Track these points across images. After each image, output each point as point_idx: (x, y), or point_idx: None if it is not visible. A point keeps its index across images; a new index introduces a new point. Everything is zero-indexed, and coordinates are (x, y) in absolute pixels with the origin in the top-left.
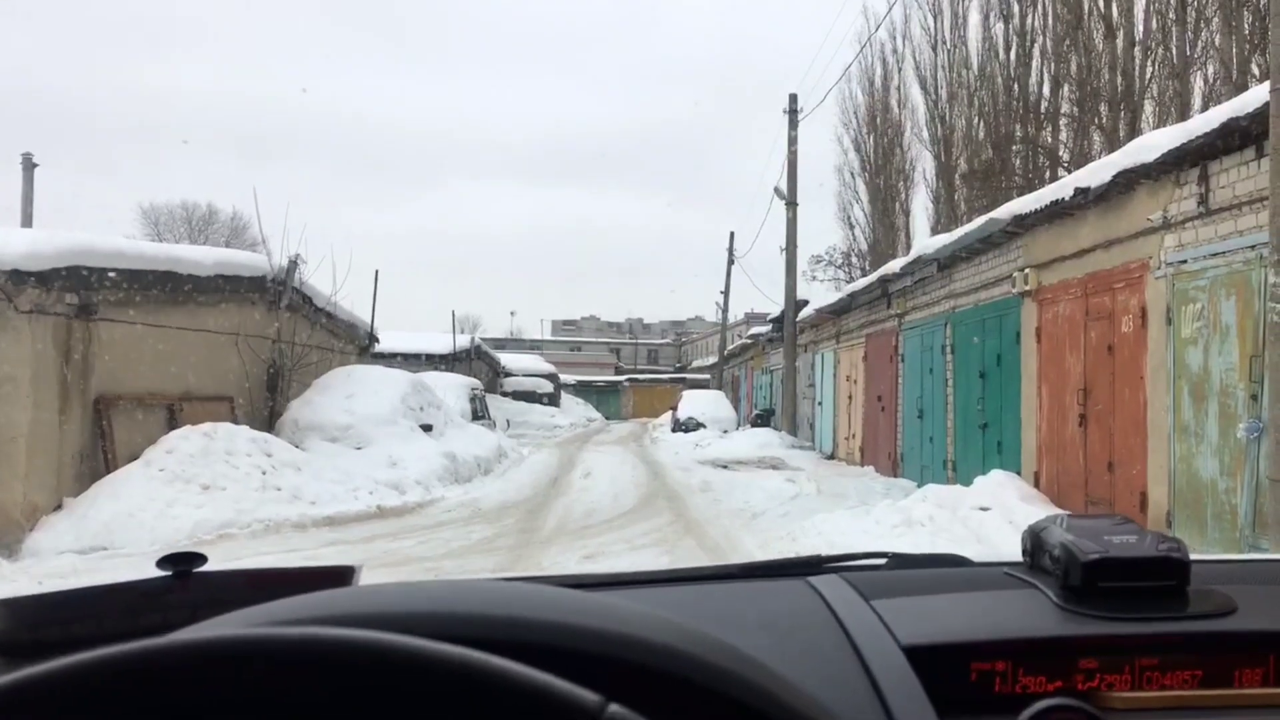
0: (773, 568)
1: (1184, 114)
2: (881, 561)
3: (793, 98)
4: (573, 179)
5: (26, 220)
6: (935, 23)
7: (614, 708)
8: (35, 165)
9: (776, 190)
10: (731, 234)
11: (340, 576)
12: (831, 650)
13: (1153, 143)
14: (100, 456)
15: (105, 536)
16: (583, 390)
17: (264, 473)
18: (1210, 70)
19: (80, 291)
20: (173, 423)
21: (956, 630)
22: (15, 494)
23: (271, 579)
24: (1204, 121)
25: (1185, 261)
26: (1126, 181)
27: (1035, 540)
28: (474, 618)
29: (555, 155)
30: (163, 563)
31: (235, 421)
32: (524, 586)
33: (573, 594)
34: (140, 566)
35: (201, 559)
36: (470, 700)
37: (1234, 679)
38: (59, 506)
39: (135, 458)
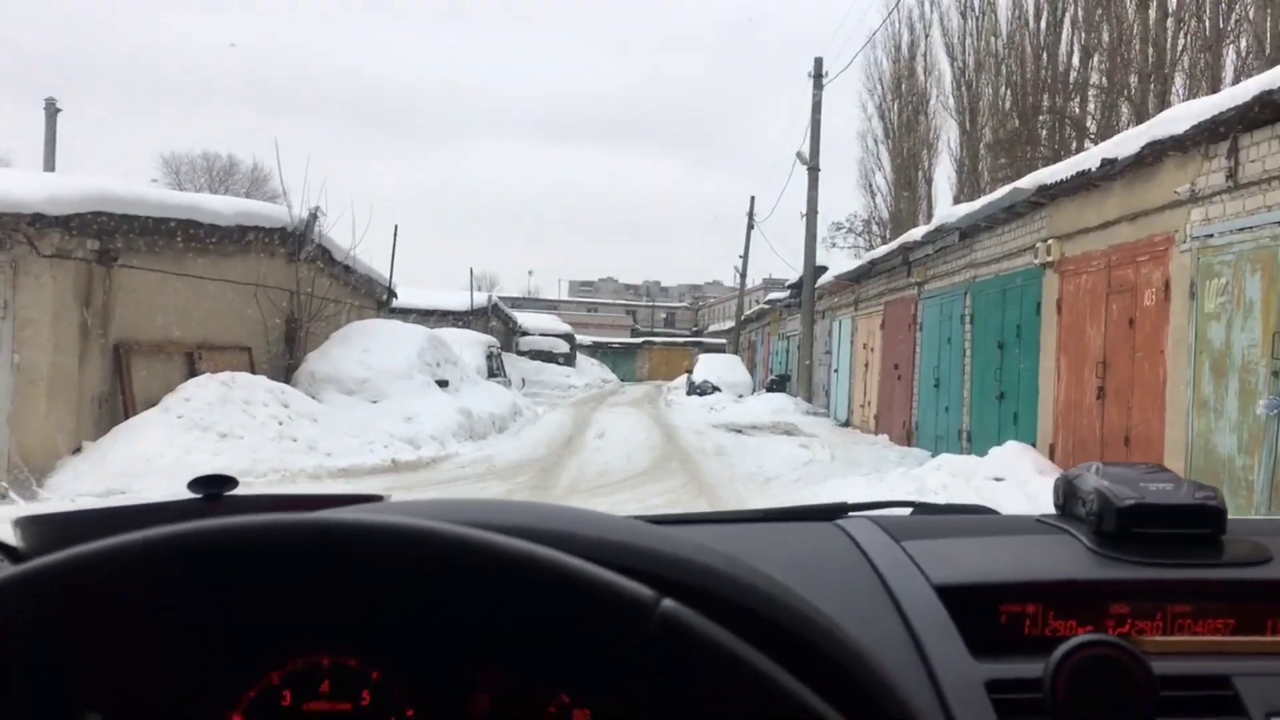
0: (798, 512)
1: (1215, 87)
2: (907, 511)
3: (818, 62)
4: (593, 140)
5: (49, 165)
6: None
7: (667, 602)
8: (59, 110)
9: (799, 155)
10: (752, 198)
11: (371, 502)
12: (863, 588)
13: (1183, 114)
14: (119, 402)
15: (123, 480)
16: (598, 351)
17: (281, 423)
18: (1243, 44)
19: (102, 237)
20: (191, 371)
21: (988, 572)
22: (35, 436)
23: (304, 503)
24: (1235, 94)
25: (1211, 236)
26: (1154, 153)
27: (1068, 488)
28: (527, 528)
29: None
30: (194, 484)
31: (253, 372)
32: (573, 508)
33: (614, 516)
34: None
35: (233, 482)
36: (534, 589)
37: (1267, 627)
38: (78, 450)
39: (153, 404)
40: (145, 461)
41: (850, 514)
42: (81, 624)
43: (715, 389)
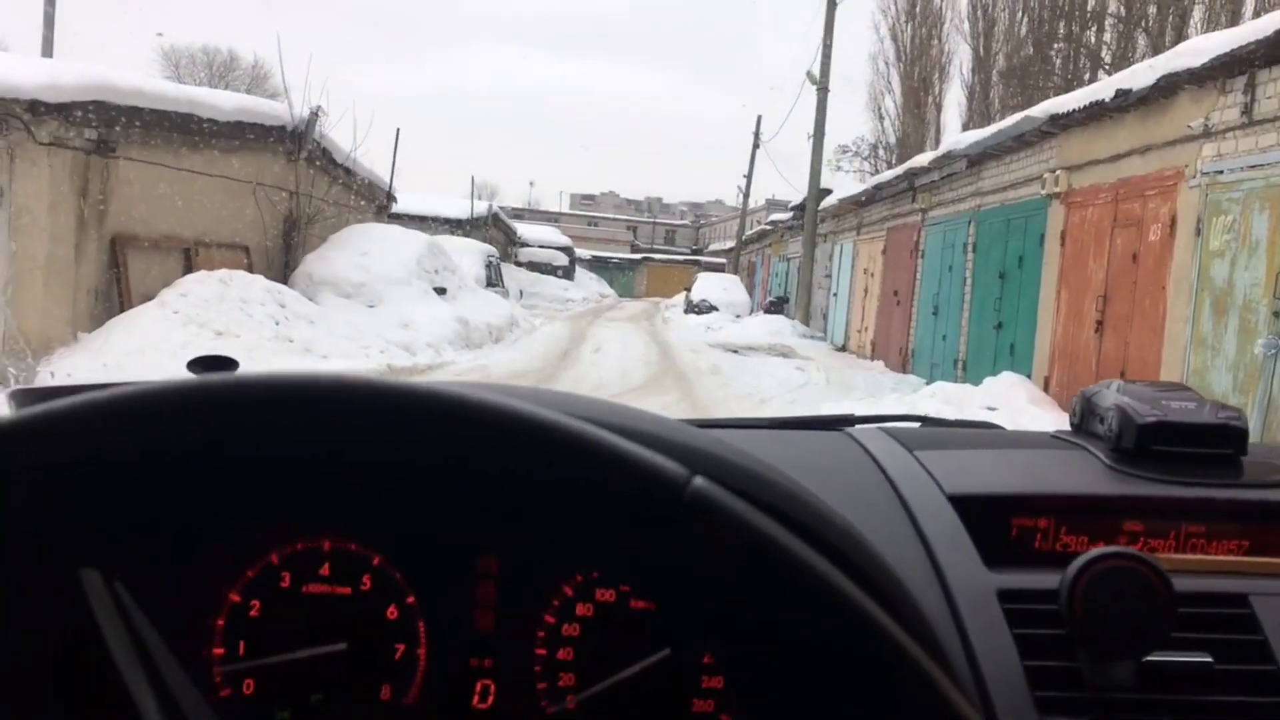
0: (806, 421)
1: (1235, 20)
2: (916, 425)
3: None
4: (600, 52)
5: (47, 51)
6: None
7: (699, 480)
8: None
9: (809, 74)
10: (759, 118)
11: None
12: (875, 496)
13: (1201, 46)
14: (115, 295)
15: (118, 373)
16: (598, 266)
17: (277, 323)
18: None
19: (99, 127)
20: (188, 267)
21: (1000, 484)
22: (31, 325)
23: None
24: (1255, 28)
25: (1221, 172)
26: (1170, 85)
27: (1086, 405)
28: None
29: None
30: (194, 364)
31: (250, 271)
32: (590, 397)
33: (641, 410)
34: None
35: (233, 363)
36: (561, 458)
37: None
38: (74, 340)
39: (149, 299)
40: (141, 355)
41: (859, 424)
42: (83, 474)
43: (713, 308)
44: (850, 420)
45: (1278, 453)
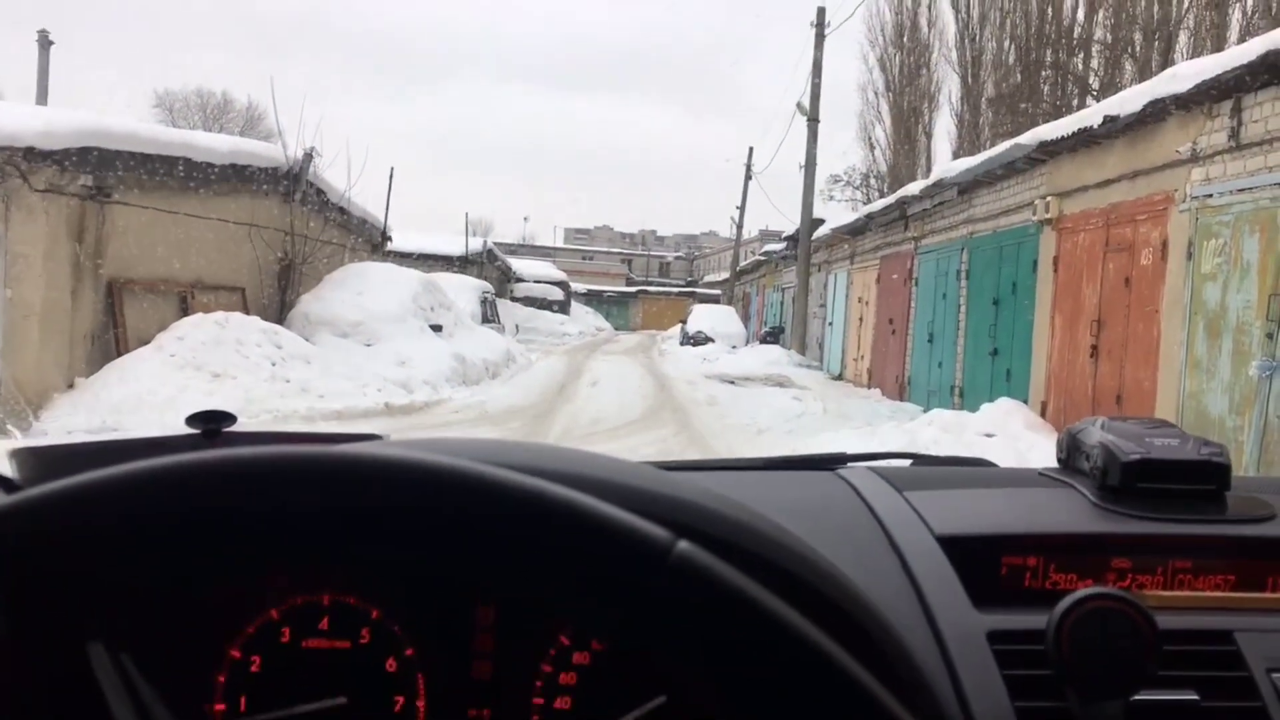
0: (797, 461)
1: (1220, 46)
2: (906, 463)
3: (820, 11)
4: (591, 88)
5: (42, 98)
6: None
7: (683, 544)
8: (51, 43)
9: (799, 106)
10: (750, 149)
11: (371, 441)
12: (865, 538)
13: (1187, 72)
14: (111, 339)
15: (115, 418)
16: (593, 299)
17: (274, 364)
18: (1249, 2)
19: (95, 173)
20: (184, 310)
21: (989, 523)
22: (27, 371)
23: (301, 440)
24: (1241, 53)
25: (1211, 196)
26: (1157, 111)
27: (1072, 441)
28: (536, 468)
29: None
30: (192, 420)
31: (246, 312)
32: (578, 450)
33: (627, 460)
34: None
35: (231, 418)
36: (547, 527)
37: (1268, 584)
38: (71, 386)
39: (146, 343)
40: (138, 399)
41: (850, 464)
42: (83, 554)
43: (709, 339)
44: (841, 459)
45: (1259, 487)
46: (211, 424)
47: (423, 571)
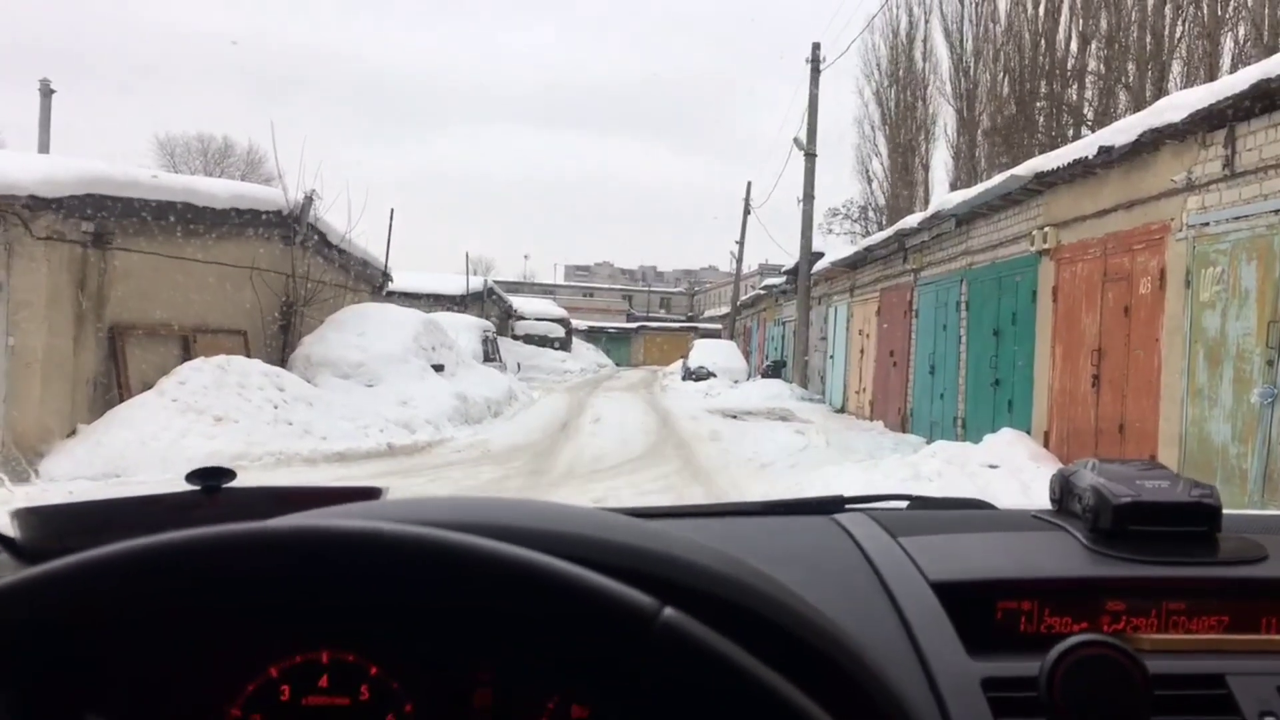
0: (795, 505)
1: (1213, 75)
2: (903, 505)
3: (815, 46)
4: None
5: (44, 147)
6: None
7: (669, 611)
8: (53, 92)
9: (796, 140)
10: (749, 184)
11: (369, 496)
12: (860, 584)
13: (1180, 102)
14: (114, 385)
15: (118, 464)
16: (594, 336)
17: (276, 407)
18: (1241, 31)
19: (96, 220)
20: (186, 354)
21: (983, 568)
22: (30, 419)
23: (300, 497)
24: (1233, 82)
25: (1207, 224)
26: (1151, 141)
27: (1064, 484)
28: (524, 531)
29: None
30: (192, 477)
31: (248, 355)
32: (568, 505)
33: (615, 515)
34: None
35: (230, 475)
36: (534, 597)
37: (1261, 625)
38: (73, 433)
39: (149, 387)
40: (140, 445)
41: (847, 507)
42: (82, 629)
43: (711, 374)
44: (838, 503)
45: (1250, 526)
46: (211, 481)
47: (417, 635)
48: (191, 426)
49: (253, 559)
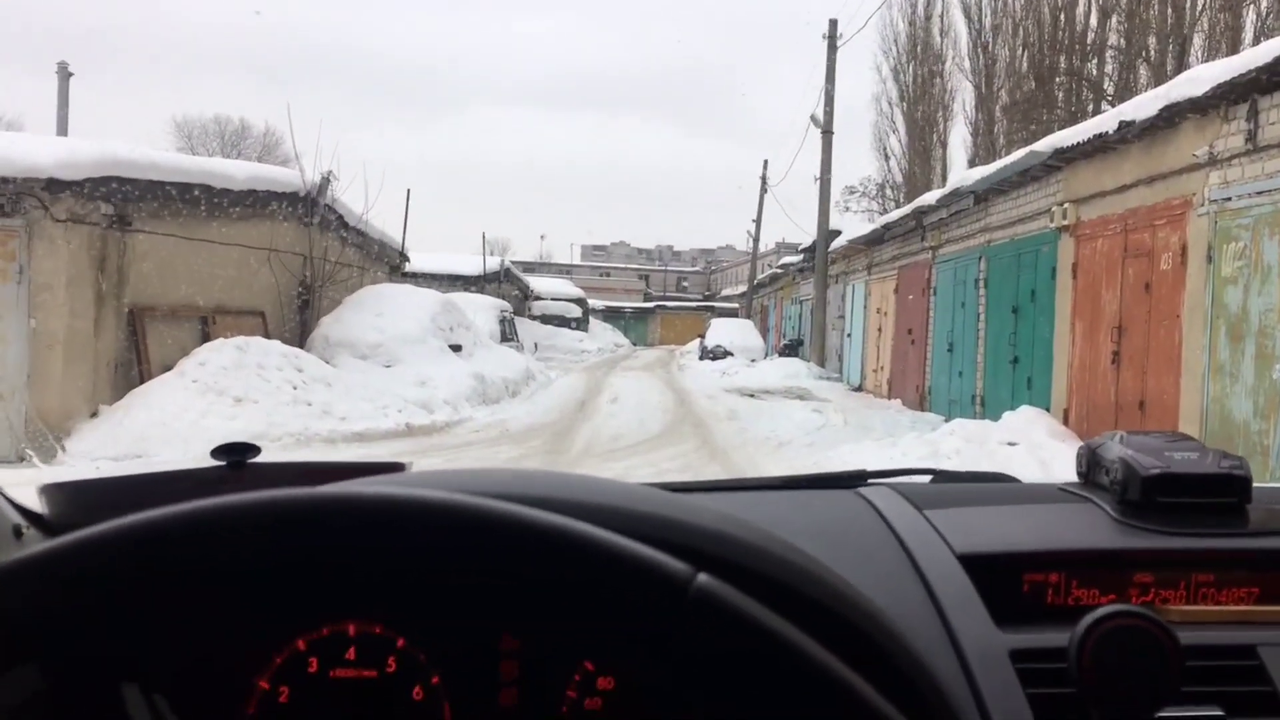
0: (818, 480)
1: (1234, 48)
2: (926, 479)
3: (833, 23)
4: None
5: (62, 130)
6: None
7: (703, 577)
8: (71, 74)
9: (813, 118)
10: (765, 162)
11: (394, 470)
12: (886, 557)
13: (1201, 76)
14: (135, 366)
15: (139, 445)
16: (611, 316)
17: (295, 387)
18: (1263, 4)
19: (115, 202)
20: (205, 335)
21: (1010, 540)
22: (53, 399)
23: (326, 471)
24: (1255, 55)
25: (1229, 199)
26: (1172, 116)
27: (1091, 457)
28: (554, 500)
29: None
30: (218, 452)
31: (267, 336)
32: (598, 478)
33: (644, 487)
34: None
35: (256, 450)
36: (567, 563)
37: None
38: (94, 414)
39: (169, 369)
40: (162, 425)
41: (870, 482)
42: (114, 600)
43: (728, 353)
44: (862, 477)
45: (1279, 498)
46: (236, 456)
47: (447, 604)
48: (211, 407)
49: (285, 526)
